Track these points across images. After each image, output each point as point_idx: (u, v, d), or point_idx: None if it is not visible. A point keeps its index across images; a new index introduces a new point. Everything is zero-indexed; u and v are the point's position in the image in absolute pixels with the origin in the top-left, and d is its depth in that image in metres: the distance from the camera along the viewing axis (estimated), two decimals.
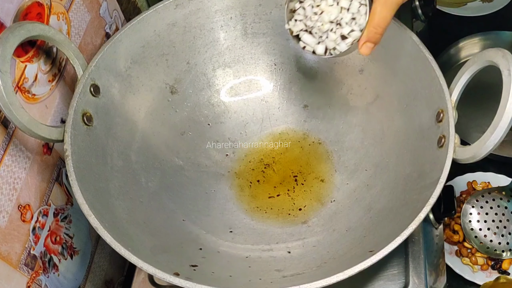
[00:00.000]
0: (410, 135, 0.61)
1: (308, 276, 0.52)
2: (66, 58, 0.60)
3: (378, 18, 0.52)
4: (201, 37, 0.70)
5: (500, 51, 0.50)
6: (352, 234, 0.58)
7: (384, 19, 0.51)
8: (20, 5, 0.52)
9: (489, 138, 0.49)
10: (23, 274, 0.52)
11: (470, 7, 1.09)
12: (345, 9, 0.55)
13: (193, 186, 0.67)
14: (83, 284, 0.66)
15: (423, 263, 0.62)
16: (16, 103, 0.48)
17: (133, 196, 0.59)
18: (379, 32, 0.52)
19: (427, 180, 0.53)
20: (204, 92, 0.72)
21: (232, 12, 0.70)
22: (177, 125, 0.69)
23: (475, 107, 0.89)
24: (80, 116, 0.56)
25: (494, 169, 0.84)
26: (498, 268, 0.74)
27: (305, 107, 0.74)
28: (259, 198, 0.67)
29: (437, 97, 0.56)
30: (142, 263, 0.47)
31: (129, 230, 0.54)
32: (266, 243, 0.61)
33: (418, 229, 0.64)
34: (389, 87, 0.66)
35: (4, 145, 0.50)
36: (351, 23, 0.55)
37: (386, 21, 0.52)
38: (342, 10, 0.55)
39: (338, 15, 0.55)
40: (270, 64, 0.74)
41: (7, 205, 0.50)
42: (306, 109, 0.73)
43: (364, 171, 0.66)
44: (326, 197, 0.66)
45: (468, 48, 0.99)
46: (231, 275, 0.54)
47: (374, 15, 0.52)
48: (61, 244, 0.61)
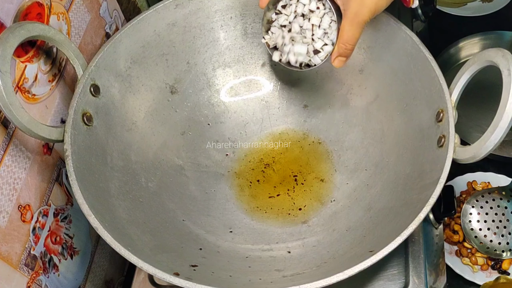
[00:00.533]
0: (410, 135, 0.61)
1: (308, 276, 0.52)
2: (66, 58, 0.60)
3: (347, 36, 0.55)
4: (201, 37, 0.70)
5: (500, 51, 0.50)
6: (352, 234, 0.58)
7: (353, 37, 0.55)
8: (20, 5, 0.52)
9: (489, 138, 0.49)
10: (23, 274, 0.52)
11: (470, 7, 1.09)
12: (316, 25, 0.58)
13: (193, 186, 0.67)
14: (83, 284, 0.66)
15: (423, 263, 0.62)
16: (16, 103, 0.48)
17: (133, 196, 0.59)
18: (349, 48, 0.56)
19: (427, 180, 0.53)
20: (204, 92, 0.72)
21: (232, 12, 0.70)
22: (177, 125, 0.69)
23: (475, 107, 0.89)
24: (80, 116, 0.56)
25: (494, 169, 0.84)
26: (498, 268, 0.74)
27: (305, 107, 0.74)
28: (259, 198, 0.67)
29: (437, 97, 0.56)
30: (142, 263, 0.47)
31: (129, 230, 0.54)
32: (266, 243, 0.61)
33: (418, 229, 0.64)
34: (389, 87, 0.66)
35: (4, 145, 0.50)
36: (324, 37, 0.59)
37: (354, 38, 0.55)
38: (313, 26, 0.59)
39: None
40: (270, 64, 0.74)
41: (7, 205, 0.50)
42: (306, 109, 0.73)
43: (364, 171, 0.66)
44: (326, 197, 0.66)
45: (468, 48, 0.99)
46: (231, 275, 0.54)
47: (342, 33, 0.55)
48: (61, 244, 0.61)
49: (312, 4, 0.59)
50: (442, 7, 1.07)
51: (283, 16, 0.61)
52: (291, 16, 0.61)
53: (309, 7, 0.59)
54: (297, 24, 0.60)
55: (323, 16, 0.59)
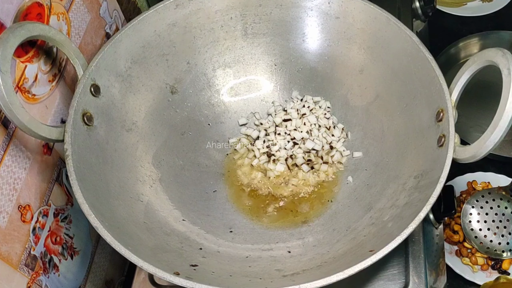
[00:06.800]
0: (410, 135, 0.61)
1: (308, 276, 0.52)
2: (66, 58, 0.60)
3: None
4: (201, 37, 0.70)
5: (500, 51, 0.50)
6: (352, 234, 0.58)
7: None
8: (20, 6, 0.52)
9: (489, 137, 0.49)
10: (24, 275, 0.52)
11: (470, 7, 1.09)
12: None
13: (193, 186, 0.67)
14: (83, 284, 0.66)
15: (423, 263, 0.62)
16: (17, 103, 0.48)
17: (133, 196, 0.59)
18: None
19: (427, 179, 0.53)
20: (204, 92, 0.72)
21: (232, 12, 0.70)
22: (177, 125, 0.69)
23: (475, 107, 0.89)
24: (80, 116, 0.56)
25: (494, 169, 0.84)
26: (498, 268, 0.74)
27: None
28: (259, 198, 0.67)
29: (437, 97, 0.56)
30: (142, 263, 0.47)
31: (129, 229, 0.54)
32: (266, 242, 0.61)
33: (418, 229, 0.64)
34: (389, 87, 0.66)
35: (4, 145, 0.50)
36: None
37: None
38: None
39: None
40: (270, 64, 0.74)
41: (7, 206, 0.50)
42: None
43: (364, 171, 0.66)
44: (326, 197, 0.66)
45: (468, 48, 1.00)
46: (231, 275, 0.54)
47: None
48: (61, 244, 0.61)
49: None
50: (442, 7, 1.08)
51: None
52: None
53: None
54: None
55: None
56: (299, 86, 0.74)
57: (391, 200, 0.58)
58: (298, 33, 0.71)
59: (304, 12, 0.70)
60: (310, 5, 0.69)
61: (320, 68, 0.72)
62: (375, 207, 0.60)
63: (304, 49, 0.72)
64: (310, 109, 0.71)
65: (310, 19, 0.70)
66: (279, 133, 0.70)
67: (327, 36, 0.70)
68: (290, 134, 0.70)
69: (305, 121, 0.70)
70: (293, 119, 0.70)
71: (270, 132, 0.71)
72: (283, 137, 0.70)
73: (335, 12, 0.68)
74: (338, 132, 0.70)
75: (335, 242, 0.58)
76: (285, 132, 0.70)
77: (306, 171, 0.67)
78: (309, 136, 0.69)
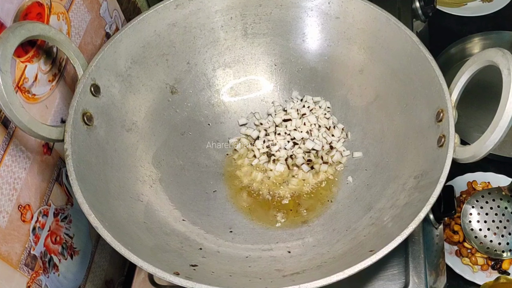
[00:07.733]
0: (410, 135, 0.61)
1: (308, 276, 0.52)
2: (66, 58, 0.60)
3: None
4: (201, 37, 0.70)
5: (500, 51, 0.50)
6: (352, 234, 0.58)
7: None
8: (20, 5, 0.52)
9: (489, 138, 0.49)
10: (23, 274, 0.52)
11: (470, 7, 1.09)
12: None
13: (193, 186, 0.67)
14: (83, 284, 0.66)
15: (423, 263, 0.62)
16: (17, 103, 0.48)
17: (133, 196, 0.59)
18: None
19: (427, 179, 0.53)
20: (204, 92, 0.72)
21: (232, 12, 0.70)
22: (177, 125, 0.69)
23: (475, 107, 0.89)
24: (80, 116, 0.56)
25: (494, 169, 0.84)
26: (498, 268, 0.74)
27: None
28: (259, 198, 0.67)
29: (437, 97, 0.56)
30: (142, 263, 0.47)
31: (129, 229, 0.54)
32: (266, 242, 0.61)
33: (418, 229, 0.64)
34: (389, 87, 0.66)
35: (4, 145, 0.50)
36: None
37: None
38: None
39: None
40: (270, 64, 0.74)
41: (7, 205, 0.50)
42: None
43: (364, 171, 0.66)
44: (326, 197, 0.66)
45: (468, 48, 1.00)
46: (231, 275, 0.54)
47: None
48: (61, 244, 0.61)
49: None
50: (442, 7, 1.08)
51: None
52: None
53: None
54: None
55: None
56: (299, 86, 0.74)
57: (391, 200, 0.58)
58: (298, 33, 0.71)
59: (304, 12, 0.70)
60: (310, 5, 0.69)
61: (320, 68, 0.72)
62: (375, 207, 0.60)
63: (304, 49, 0.72)
64: (310, 109, 0.71)
65: (310, 19, 0.70)
66: (279, 133, 0.70)
67: (327, 36, 0.70)
68: (290, 134, 0.70)
69: (305, 121, 0.70)
70: (293, 119, 0.70)
71: (270, 132, 0.71)
72: (283, 137, 0.70)
73: (335, 12, 0.68)
74: (338, 132, 0.70)
75: (335, 242, 0.58)
76: (285, 132, 0.70)
77: (306, 171, 0.67)
78: (309, 136, 0.69)
